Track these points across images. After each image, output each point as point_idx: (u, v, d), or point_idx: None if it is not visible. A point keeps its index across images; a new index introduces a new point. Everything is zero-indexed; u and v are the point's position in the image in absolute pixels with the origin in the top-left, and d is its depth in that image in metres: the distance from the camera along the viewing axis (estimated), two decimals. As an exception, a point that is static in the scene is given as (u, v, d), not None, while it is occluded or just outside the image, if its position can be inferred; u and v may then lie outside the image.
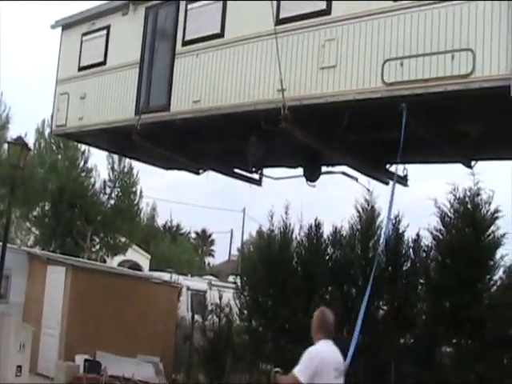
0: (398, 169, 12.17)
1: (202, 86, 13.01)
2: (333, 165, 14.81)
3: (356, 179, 14.47)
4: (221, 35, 12.72)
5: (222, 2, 12.68)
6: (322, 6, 11.21)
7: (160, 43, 13.84)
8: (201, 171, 17.23)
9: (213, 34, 12.86)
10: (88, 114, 15.48)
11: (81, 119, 15.66)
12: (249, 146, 13.39)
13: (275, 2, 11.59)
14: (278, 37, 11.42)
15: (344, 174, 14.57)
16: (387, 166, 14.16)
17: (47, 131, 35.10)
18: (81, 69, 15.85)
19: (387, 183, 14.44)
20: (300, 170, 14.87)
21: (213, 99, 12.80)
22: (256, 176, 16.31)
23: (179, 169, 17.95)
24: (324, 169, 14.82)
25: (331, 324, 7.48)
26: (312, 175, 14.55)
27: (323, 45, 11.16)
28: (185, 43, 13.41)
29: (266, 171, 16.14)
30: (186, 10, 13.38)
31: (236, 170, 16.50)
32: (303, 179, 14.62)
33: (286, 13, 11.65)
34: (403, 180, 14.36)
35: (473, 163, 13.44)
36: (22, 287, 18.70)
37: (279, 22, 11.62)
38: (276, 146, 13.67)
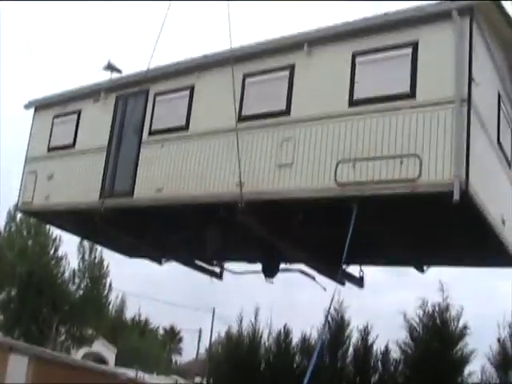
0: (342, 270, 12.28)
1: (166, 175, 13.39)
2: (291, 262, 15.00)
3: (313, 278, 14.56)
4: (185, 128, 13.20)
5: (188, 97, 13.20)
6: (282, 106, 11.74)
7: (127, 131, 14.26)
8: (163, 261, 17.32)
9: (178, 127, 13.36)
10: (54, 193, 15.70)
11: (47, 198, 15.87)
12: (207, 237, 13.67)
13: (238, 100, 12.11)
14: (239, 133, 11.91)
15: (301, 272, 14.68)
16: (343, 266, 14.35)
17: (19, 215, 35.09)
18: (50, 149, 16.20)
19: (344, 284, 14.65)
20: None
21: (175, 189, 13.16)
22: (217, 269, 16.40)
23: (142, 257, 18.05)
24: (282, 266, 14.99)
25: None
26: (270, 271, 14.73)
27: (281, 143, 11.63)
28: (151, 133, 13.86)
29: (228, 265, 16.29)
30: (155, 101, 13.90)
31: (198, 263, 16.57)
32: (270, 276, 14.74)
33: (248, 111, 12.19)
34: (359, 282, 14.62)
35: (425, 268, 13.83)
36: (-21, 376, 17.80)
37: (241, 119, 12.16)
38: (235, 239, 13.95)
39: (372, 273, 14.52)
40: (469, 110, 9.84)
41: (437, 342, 12.80)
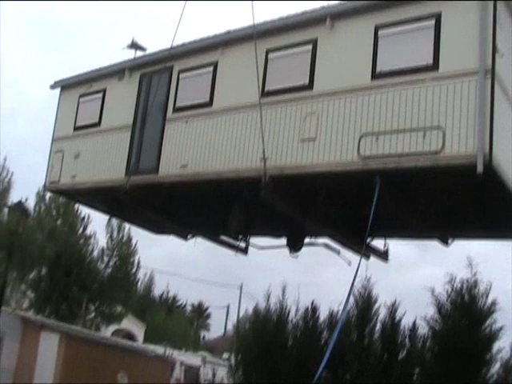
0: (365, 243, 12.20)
1: (190, 151, 13.47)
2: (316, 236, 15.03)
3: (338, 252, 14.56)
4: (209, 104, 13.26)
5: (211, 73, 13.25)
6: (305, 81, 11.75)
7: (152, 108, 14.34)
8: (188, 236, 17.45)
9: (202, 103, 13.43)
10: (80, 172, 15.90)
11: (73, 177, 16.07)
12: (231, 213, 13.74)
13: (261, 75, 12.13)
14: (262, 108, 11.95)
15: (326, 246, 14.70)
16: (367, 240, 14.33)
17: (48, 195, 35.48)
18: (76, 128, 16.37)
19: (368, 257, 14.67)
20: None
21: (199, 165, 13.25)
22: (242, 244, 16.45)
23: (167, 233, 18.20)
24: (307, 240, 15.02)
25: None
26: (295, 246, 14.77)
27: (304, 118, 11.65)
28: (175, 110, 13.94)
29: (253, 240, 16.33)
30: (178, 79, 13.97)
31: (223, 238, 16.61)
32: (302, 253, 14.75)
33: (271, 86, 12.21)
34: (384, 255, 14.62)
35: (449, 241, 13.81)
36: (14, 352, 18.31)
37: (264, 94, 12.18)
38: (259, 214, 13.99)
39: (398, 249, 14.47)
40: (492, 82, 9.75)
41: (465, 318, 12.68)
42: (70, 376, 17.14)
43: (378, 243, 14.48)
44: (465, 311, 12.71)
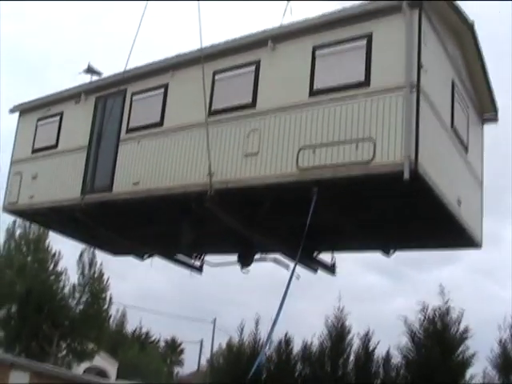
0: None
1: (142, 169, 14.06)
2: (267, 252, 15.52)
3: (287, 267, 15.00)
4: (160, 124, 13.91)
5: (162, 95, 13.90)
6: (249, 99, 12.44)
7: (107, 130, 14.92)
8: (145, 256, 17.86)
9: (153, 123, 14.07)
10: (38, 192, 16.37)
11: (31, 197, 16.52)
12: (182, 229, 14.25)
13: (208, 95, 12.80)
14: (209, 126, 12.62)
15: (275, 261, 15.18)
16: (314, 253, 14.87)
17: (18, 232, 35.59)
18: (34, 151, 16.89)
19: (316, 270, 15.18)
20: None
21: (150, 182, 13.83)
22: (197, 263, 16.88)
23: (124, 253, 18.58)
24: (257, 256, 15.47)
25: None
26: (245, 261, 15.23)
27: (248, 134, 12.31)
28: (128, 130, 14.57)
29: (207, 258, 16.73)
30: (132, 101, 14.61)
31: (178, 257, 16.99)
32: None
33: (218, 105, 12.90)
34: (331, 269, 15.13)
35: (391, 252, 14.38)
36: (-17, 392, 17.92)
37: (211, 113, 12.87)
38: (210, 231, 14.47)
39: (371, 280, 14.80)
40: (418, 95, 10.50)
41: (438, 346, 12.93)
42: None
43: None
44: (437, 339, 12.89)
